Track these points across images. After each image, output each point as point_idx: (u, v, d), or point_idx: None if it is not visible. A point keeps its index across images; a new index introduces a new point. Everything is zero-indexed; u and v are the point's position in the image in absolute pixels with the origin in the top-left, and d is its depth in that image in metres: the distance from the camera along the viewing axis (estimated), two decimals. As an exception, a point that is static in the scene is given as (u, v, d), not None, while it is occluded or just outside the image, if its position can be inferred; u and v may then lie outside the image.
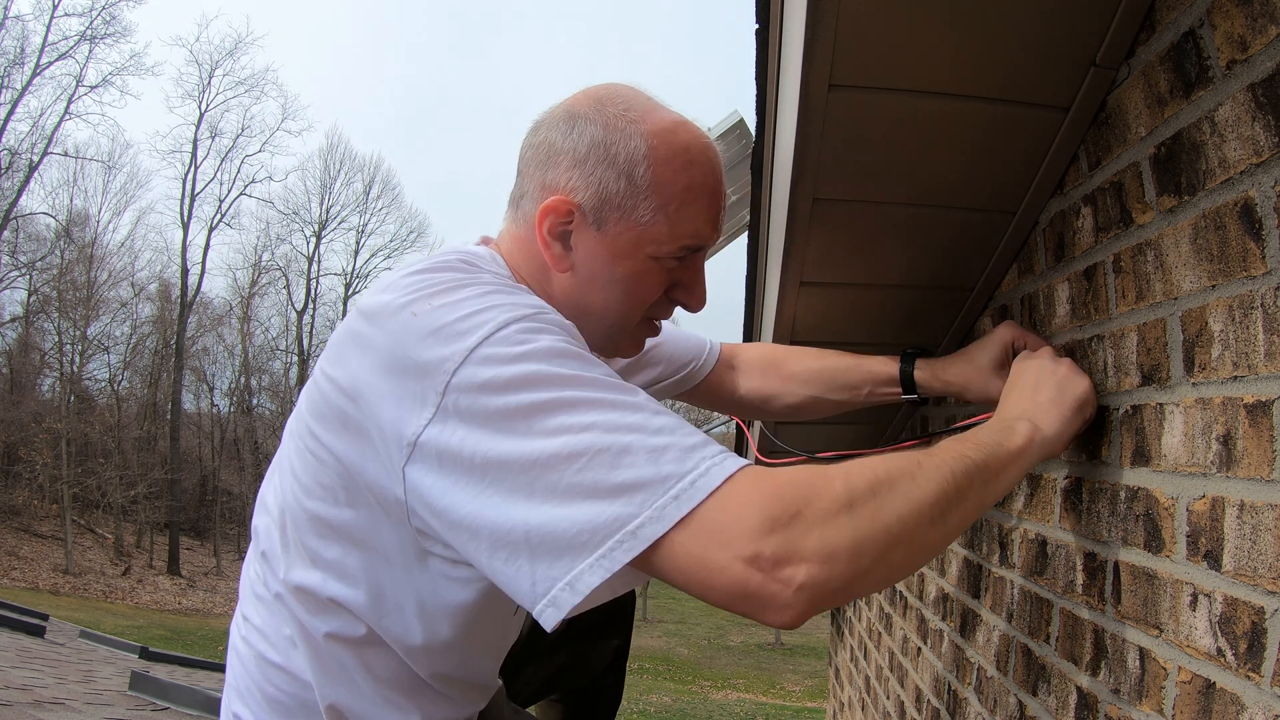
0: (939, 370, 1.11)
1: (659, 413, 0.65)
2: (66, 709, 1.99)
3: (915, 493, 0.65)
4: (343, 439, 0.72)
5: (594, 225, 0.79)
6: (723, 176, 0.84)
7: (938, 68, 0.89)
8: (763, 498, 0.59)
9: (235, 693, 0.86)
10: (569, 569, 0.59)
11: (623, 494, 0.60)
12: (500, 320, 0.66)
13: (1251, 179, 0.66)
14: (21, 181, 22.35)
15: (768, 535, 0.58)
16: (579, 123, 0.80)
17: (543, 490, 0.61)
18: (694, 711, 13.55)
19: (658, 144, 0.79)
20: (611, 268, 0.81)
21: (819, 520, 0.59)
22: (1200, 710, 0.70)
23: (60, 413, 21.23)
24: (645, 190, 0.78)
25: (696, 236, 0.82)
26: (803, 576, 0.58)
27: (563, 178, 0.79)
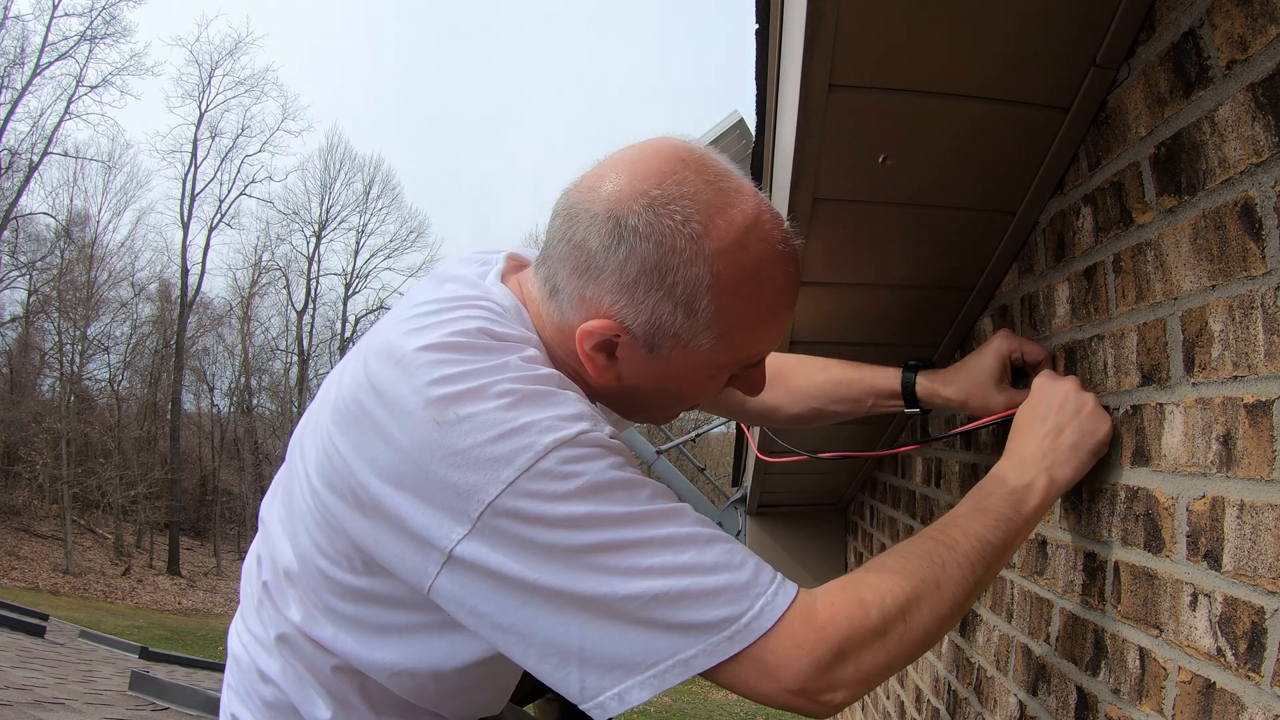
0: (939, 385, 1.11)
1: (710, 541, 0.65)
2: (66, 709, 1.99)
3: (940, 603, 0.71)
4: (355, 518, 0.68)
5: (645, 348, 0.71)
6: (798, 276, 0.74)
7: (937, 67, 0.89)
8: (811, 643, 0.65)
9: (234, 695, 0.85)
10: (619, 683, 0.63)
11: (679, 631, 0.63)
12: (541, 448, 0.62)
13: (1251, 179, 0.66)
14: (21, 181, 22.35)
15: (812, 677, 0.65)
16: (627, 237, 0.67)
17: (597, 618, 0.63)
18: (694, 711, 13.54)
19: (724, 268, 0.67)
20: (664, 382, 0.75)
21: (857, 654, 0.66)
22: (1200, 710, 0.70)
23: (60, 413, 21.22)
24: (707, 322, 0.69)
25: (761, 355, 0.77)
26: (841, 698, 0.66)
27: (607, 299, 0.69)
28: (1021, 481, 0.83)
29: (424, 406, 0.63)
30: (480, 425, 0.62)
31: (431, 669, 0.76)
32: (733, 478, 3.32)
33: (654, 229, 0.66)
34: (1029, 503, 0.81)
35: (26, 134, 22.60)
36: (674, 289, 0.67)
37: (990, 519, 0.78)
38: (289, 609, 0.78)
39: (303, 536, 0.75)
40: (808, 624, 0.65)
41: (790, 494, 2.75)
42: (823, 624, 0.66)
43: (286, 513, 0.79)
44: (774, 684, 0.64)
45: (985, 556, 0.75)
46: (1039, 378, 0.96)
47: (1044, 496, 0.82)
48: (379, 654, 0.75)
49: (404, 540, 0.65)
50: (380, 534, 0.66)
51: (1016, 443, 0.90)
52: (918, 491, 1.80)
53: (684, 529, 0.65)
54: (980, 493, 0.83)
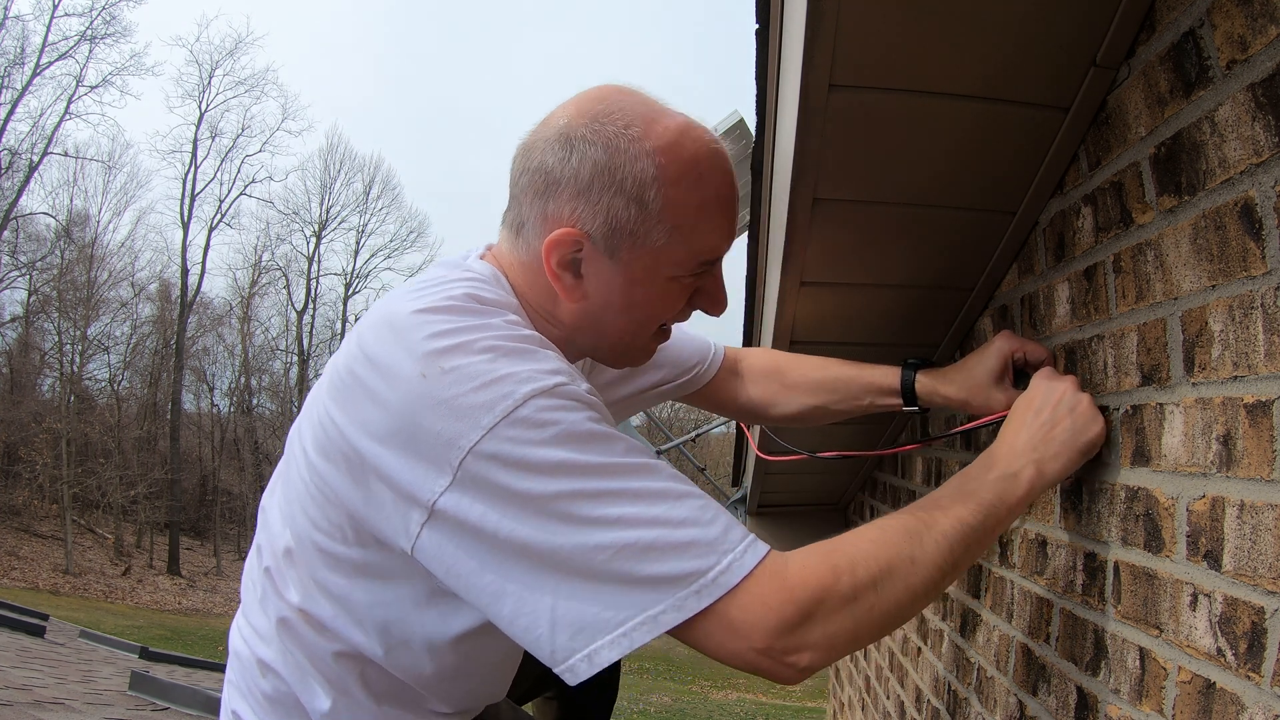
0: (939, 384, 1.11)
1: (682, 497, 0.67)
2: (66, 709, 1.99)
3: (913, 577, 0.71)
4: (348, 485, 0.71)
5: (606, 254, 0.76)
6: (735, 179, 0.81)
7: (937, 67, 0.89)
8: (779, 601, 0.65)
9: (235, 690, 0.86)
10: (588, 643, 0.63)
11: (646, 584, 0.63)
12: (519, 395, 0.65)
13: (1251, 179, 0.66)
14: (21, 181, 22.35)
15: (779, 635, 0.65)
16: (577, 146, 0.74)
17: (568, 573, 0.64)
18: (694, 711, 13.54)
19: (665, 162, 0.74)
20: (629, 293, 0.78)
21: (825, 618, 0.66)
22: (1200, 710, 0.70)
23: (60, 413, 21.22)
24: (658, 215, 0.74)
25: (714, 251, 0.80)
26: (806, 661, 0.66)
27: (566, 208, 0.75)
28: (1009, 470, 0.83)
29: (414, 363, 0.67)
30: (464, 377, 0.65)
31: (425, 640, 0.78)
32: (733, 478, 3.32)
33: (600, 135, 0.74)
34: (1014, 491, 0.81)
35: (26, 134, 22.61)
36: (624, 184, 0.73)
37: (973, 503, 0.78)
38: (289, 591, 0.79)
39: (299, 515, 0.77)
40: (777, 583, 0.66)
41: (790, 494, 2.75)
42: (792, 584, 0.66)
43: (285, 497, 0.81)
44: (740, 642, 0.65)
45: (964, 539, 0.75)
46: (1038, 374, 0.96)
47: (1030, 487, 0.82)
48: (372, 630, 0.77)
49: (391, 497, 0.67)
50: (369, 496, 0.69)
51: (1009, 433, 0.89)
52: (918, 491, 1.80)
53: (657, 483, 0.67)
54: (966, 477, 0.83)
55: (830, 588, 0.67)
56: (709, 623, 0.65)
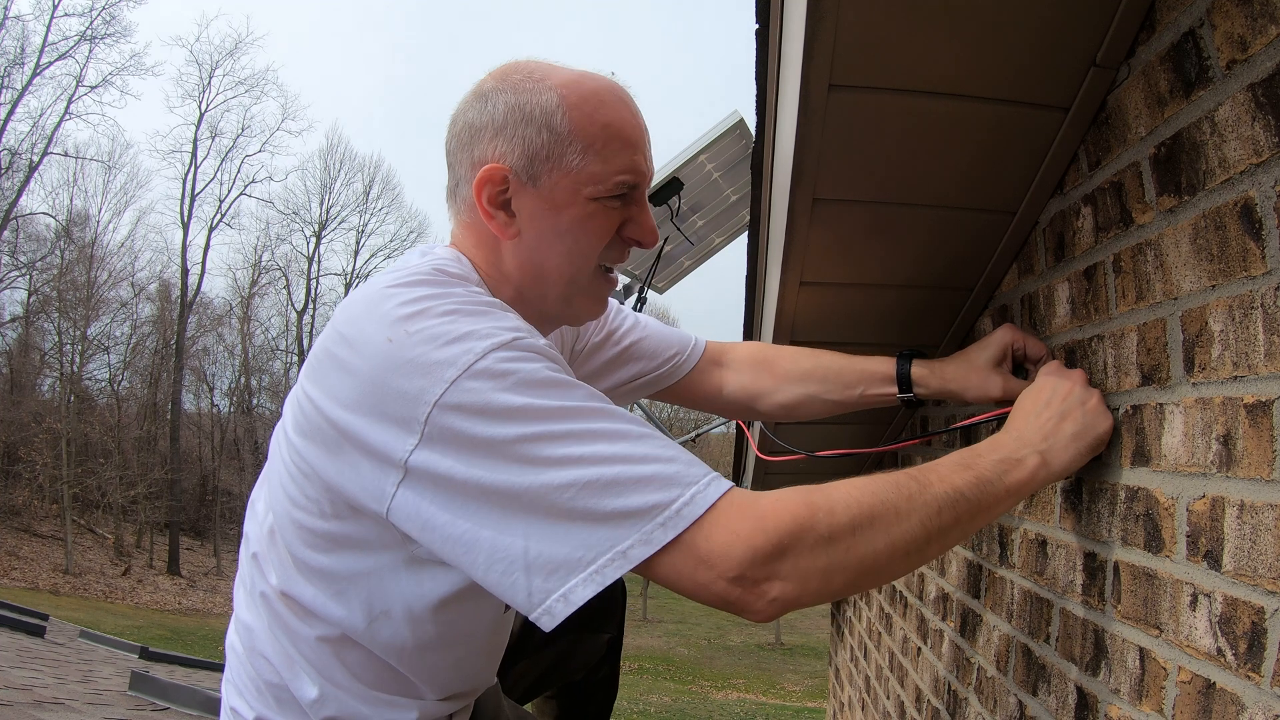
0: (937, 369, 1.10)
1: (642, 436, 0.68)
2: (66, 709, 1.99)
3: (896, 530, 0.69)
4: (324, 456, 0.73)
5: (530, 183, 0.81)
6: (639, 113, 0.86)
7: (937, 68, 0.89)
8: (748, 530, 0.65)
9: (233, 688, 0.86)
10: (563, 583, 0.64)
11: (612, 520, 0.64)
12: (479, 349, 0.68)
13: (1251, 179, 0.66)
14: (21, 181, 22.36)
15: (749, 563, 0.64)
16: (490, 96, 0.82)
17: (538, 515, 0.65)
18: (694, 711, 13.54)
19: (567, 93, 0.81)
20: (556, 219, 0.82)
21: (796, 550, 0.65)
22: (1200, 710, 0.70)
23: (60, 413, 21.22)
24: (568, 136, 0.80)
25: (631, 170, 0.83)
26: (776, 591, 0.65)
27: (489, 149, 0.81)
28: (1015, 455, 0.82)
29: (382, 330, 0.70)
30: (427, 337, 0.68)
31: (405, 609, 0.79)
32: (733, 478, 3.32)
33: (507, 83, 0.82)
34: (1015, 475, 0.80)
35: (26, 134, 22.63)
36: (533, 115, 0.80)
37: (971, 475, 0.77)
38: (270, 574, 0.81)
39: (280, 495, 0.80)
40: (745, 513, 0.66)
41: (790, 494, 2.74)
42: (762, 513, 0.66)
43: (269, 482, 0.84)
44: (710, 571, 0.64)
45: (955, 507, 0.73)
46: (1046, 368, 0.95)
47: (1031, 474, 0.81)
48: (354, 603, 0.78)
49: (366, 464, 0.69)
50: (344, 464, 0.71)
51: (1016, 423, 0.89)
52: (918, 491, 1.79)
53: (616, 425, 0.68)
54: (970, 452, 0.82)
55: (805, 522, 0.66)
56: (678, 556, 0.65)
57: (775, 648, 20.59)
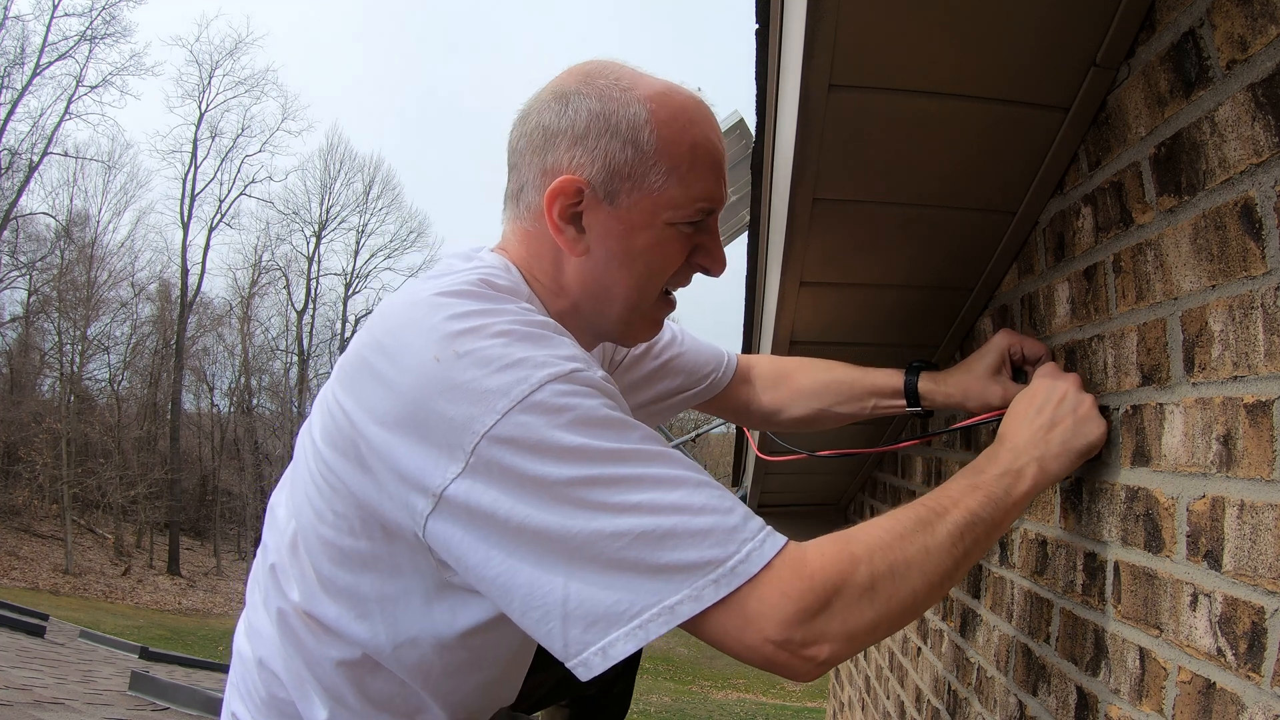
0: (941, 381, 1.13)
1: (699, 485, 0.65)
2: (66, 709, 1.99)
3: (930, 567, 0.70)
4: (355, 473, 0.70)
5: (606, 200, 0.76)
6: (721, 135, 0.82)
7: (937, 68, 0.89)
8: (798, 591, 0.63)
9: (236, 692, 0.86)
10: (602, 636, 0.61)
11: (663, 574, 0.61)
12: (536, 380, 0.64)
13: (1251, 179, 0.66)
14: (21, 181, 22.35)
15: (798, 626, 0.63)
16: (572, 99, 0.77)
17: (581, 562, 0.62)
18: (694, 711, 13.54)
19: (657, 107, 0.76)
20: (630, 241, 0.78)
21: (844, 608, 0.65)
22: (1200, 710, 0.70)
23: (60, 413, 21.22)
24: (653, 155, 0.75)
25: (710, 198, 0.79)
26: (826, 654, 0.64)
27: (565, 157, 0.76)
28: (1014, 466, 0.83)
29: (427, 346, 0.66)
30: (478, 360, 0.64)
31: (434, 637, 0.76)
32: (733, 478, 3.32)
33: (592, 88, 0.77)
34: (1019, 488, 0.81)
35: (26, 134, 22.61)
36: (619, 127, 0.75)
37: (981, 495, 0.78)
38: (291, 590, 0.78)
39: (305, 507, 0.76)
40: (796, 572, 0.64)
41: (790, 494, 2.75)
42: (811, 573, 0.64)
43: (292, 491, 0.80)
44: (757, 634, 0.62)
45: (974, 530, 0.74)
46: (1041, 370, 0.96)
47: (1033, 485, 0.82)
48: (379, 626, 0.76)
49: (401, 484, 0.66)
50: (379, 483, 0.68)
51: (1010, 429, 0.90)
52: (918, 491, 1.80)
53: (674, 471, 0.65)
54: (974, 470, 0.83)
55: (849, 576, 0.65)
56: (725, 614, 0.62)
57: (775, 648, 20.55)
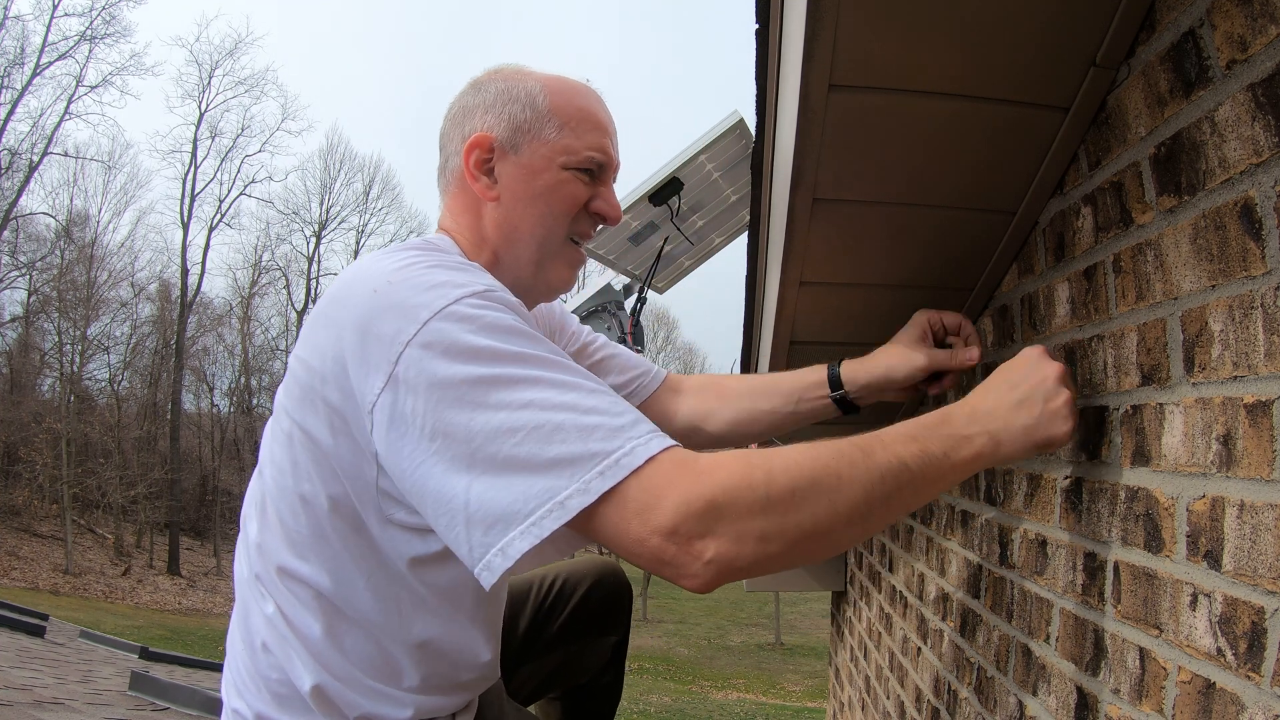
0: (864, 361, 1.15)
1: (594, 391, 0.70)
2: (66, 709, 1.99)
3: (837, 497, 0.68)
4: (313, 414, 0.77)
5: (511, 151, 0.90)
6: (609, 110, 0.96)
7: (937, 68, 0.89)
8: (685, 481, 0.65)
9: (234, 689, 0.86)
10: (501, 536, 0.65)
11: (553, 468, 0.65)
12: (454, 295, 0.72)
13: (1251, 179, 0.66)
14: (21, 181, 22.35)
15: (684, 515, 0.64)
16: (483, 85, 0.94)
17: (481, 462, 0.66)
18: (694, 711, 13.55)
19: (549, 82, 0.93)
20: (532, 183, 0.90)
21: (734, 510, 0.65)
22: (1200, 710, 0.70)
23: (60, 413, 21.22)
24: (547, 113, 0.90)
25: (600, 150, 0.93)
26: (711, 552, 0.64)
27: (478, 123, 0.91)
28: (964, 431, 0.80)
29: (368, 283, 0.75)
30: (408, 284, 0.73)
31: (385, 569, 0.81)
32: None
33: (499, 75, 0.94)
34: (961, 452, 0.78)
35: (26, 134, 22.63)
36: (519, 96, 0.91)
37: (917, 448, 0.75)
38: (265, 551, 0.84)
39: (269, 468, 0.83)
40: (684, 468, 0.65)
41: (790, 494, 2.74)
42: (701, 470, 0.65)
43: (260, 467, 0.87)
44: (643, 525, 0.64)
45: (898, 478, 0.72)
46: (1031, 348, 0.91)
47: (977, 455, 0.79)
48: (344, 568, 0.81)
49: (348, 411, 0.74)
50: (331, 418, 0.75)
51: (977, 394, 0.86)
52: (918, 491, 1.79)
53: (570, 377, 0.70)
54: (919, 423, 0.80)
55: (741, 482, 0.65)
56: (614, 508, 0.65)
57: (775, 648, 20.58)
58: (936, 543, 1.64)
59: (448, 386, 0.68)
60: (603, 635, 1.40)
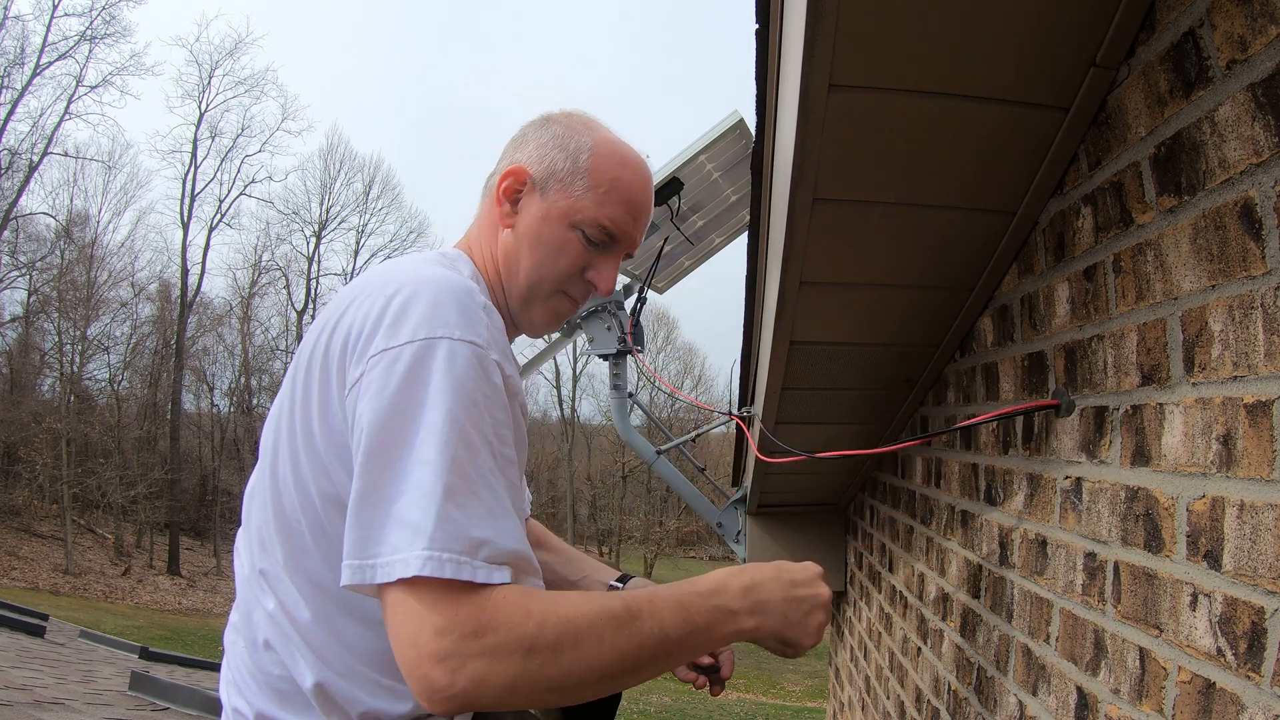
0: None
1: (492, 497, 0.72)
2: (66, 709, 1.99)
3: (594, 658, 0.71)
4: (306, 406, 0.81)
5: (539, 191, 0.94)
6: (650, 196, 0.99)
7: (937, 68, 0.89)
8: (468, 612, 0.67)
9: (234, 688, 0.87)
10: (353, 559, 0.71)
11: (404, 529, 0.69)
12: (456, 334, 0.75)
13: (1251, 179, 0.66)
14: (21, 181, 22.34)
15: (448, 637, 0.66)
16: (549, 122, 0.98)
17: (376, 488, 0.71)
18: (694, 711, 13.55)
19: (600, 144, 0.95)
20: (541, 228, 0.94)
21: (495, 650, 0.67)
22: (1200, 710, 0.70)
23: (60, 413, 21.21)
24: (583, 171, 0.93)
25: (615, 223, 0.94)
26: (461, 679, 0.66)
27: (524, 155, 0.96)
28: (734, 607, 0.82)
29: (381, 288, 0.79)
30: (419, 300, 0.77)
31: None
32: (733, 478, 3.32)
33: (566, 120, 0.98)
34: (725, 628, 0.81)
35: (26, 134, 22.61)
36: (568, 147, 0.94)
37: (682, 617, 0.78)
38: (274, 548, 0.84)
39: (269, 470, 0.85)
40: (474, 596, 0.68)
41: (790, 494, 2.75)
42: (482, 603, 0.68)
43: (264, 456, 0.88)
44: (416, 625, 0.67)
45: (656, 649, 0.75)
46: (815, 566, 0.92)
47: (738, 632, 0.82)
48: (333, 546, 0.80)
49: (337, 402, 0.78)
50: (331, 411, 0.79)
51: (758, 576, 0.87)
52: (918, 491, 1.80)
53: (486, 464, 0.73)
54: (694, 588, 0.82)
55: (512, 627, 0.68)
56: (410, 594, 0.67)
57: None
58: (936, 543, 1.64)
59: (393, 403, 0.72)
60: None
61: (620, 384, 3.35)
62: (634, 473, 26.89)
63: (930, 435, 1.64)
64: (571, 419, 30.06)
